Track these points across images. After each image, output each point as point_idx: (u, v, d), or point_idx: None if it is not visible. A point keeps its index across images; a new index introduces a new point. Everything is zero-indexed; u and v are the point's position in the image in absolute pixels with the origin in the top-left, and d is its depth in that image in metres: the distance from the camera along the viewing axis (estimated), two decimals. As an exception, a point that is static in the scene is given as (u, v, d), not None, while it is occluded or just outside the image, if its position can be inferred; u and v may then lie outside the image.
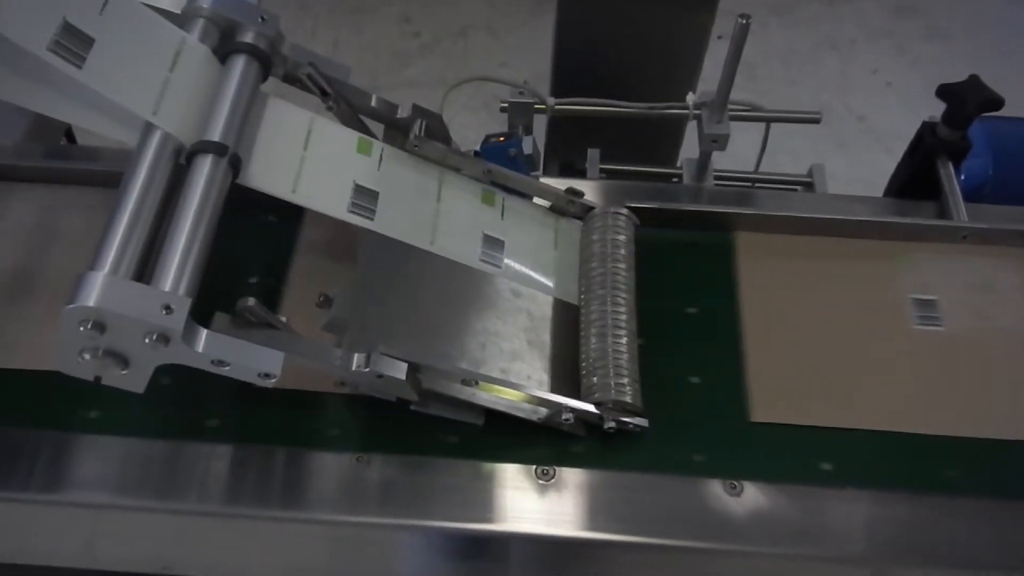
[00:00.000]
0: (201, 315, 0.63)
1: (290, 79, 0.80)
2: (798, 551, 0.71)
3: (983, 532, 0.71)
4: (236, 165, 0.70)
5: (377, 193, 0.77)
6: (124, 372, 0.63)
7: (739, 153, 1.06)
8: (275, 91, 0.79)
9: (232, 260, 0.79)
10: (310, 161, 0.76)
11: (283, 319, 0.66)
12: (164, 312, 0.59)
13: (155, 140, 0.68)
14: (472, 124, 2.09)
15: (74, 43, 0.66)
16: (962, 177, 0.95)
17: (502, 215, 0.84)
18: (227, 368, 0.63)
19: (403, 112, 0.83)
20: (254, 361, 0.63)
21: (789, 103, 2.23)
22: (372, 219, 0.76)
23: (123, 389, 0.64)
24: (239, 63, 0.75)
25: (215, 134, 0.69)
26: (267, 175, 0.73)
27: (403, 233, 0.77)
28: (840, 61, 2.31)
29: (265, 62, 0.76)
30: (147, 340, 0.59)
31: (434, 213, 0.80)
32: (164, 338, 0.60)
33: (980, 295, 0.84)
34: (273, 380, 0.64)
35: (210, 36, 0.75)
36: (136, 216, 0.64)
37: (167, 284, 0.61)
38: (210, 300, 0.65)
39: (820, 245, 0.88)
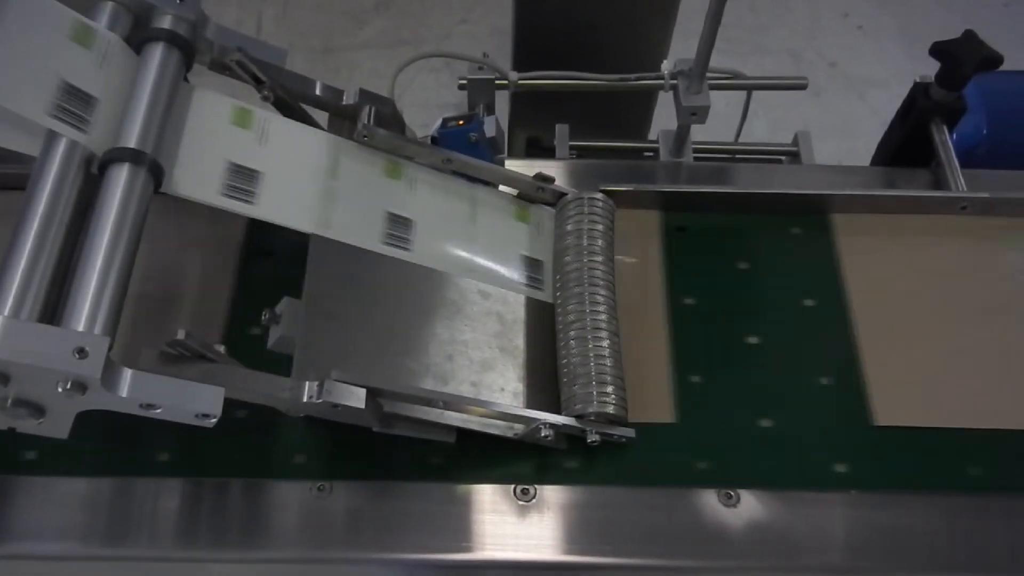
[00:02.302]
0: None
1: (218, 67, 0.71)
2: (803, 563, 0.66)
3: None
4: (157, 173, 0.61)
5: (258, 172, 0.68)
6: (40, 421, 0.55)
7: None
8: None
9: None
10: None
11: (221, 349, 0.59)
12: (77, 356, 0.51)
13: (60, 149, 0.59)
14: (432, 85, 1.99)
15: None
16: (953, 137, 0.89)
17: (412, 188, 0.75)
18: (159, 411, 0.55)
19: (349, 98, 0.74)
20: (190, 401, 0.56)
21: (758, 51, 2.16)
22: (252, 203, 0.67)
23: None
24: (156, 53, 0.65)
25: (131, 139, 0.61)
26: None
27: (288, 217, 0.68)
28: (809, 5, 2.23)
29: (187, 50, 0.67)
30: (60, 389, 0.51)
31: (328, 192, 0.70)
32: (80, 385, 0.52)
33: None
34: (213, 420, 0.57)
35: (121, 23, 0.66)
36: (40, 243, 0.55)
37: (80, 323, 0.53)
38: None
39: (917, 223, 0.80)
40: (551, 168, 0.82)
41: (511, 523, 0.67)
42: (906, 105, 0.88)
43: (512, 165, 0.83)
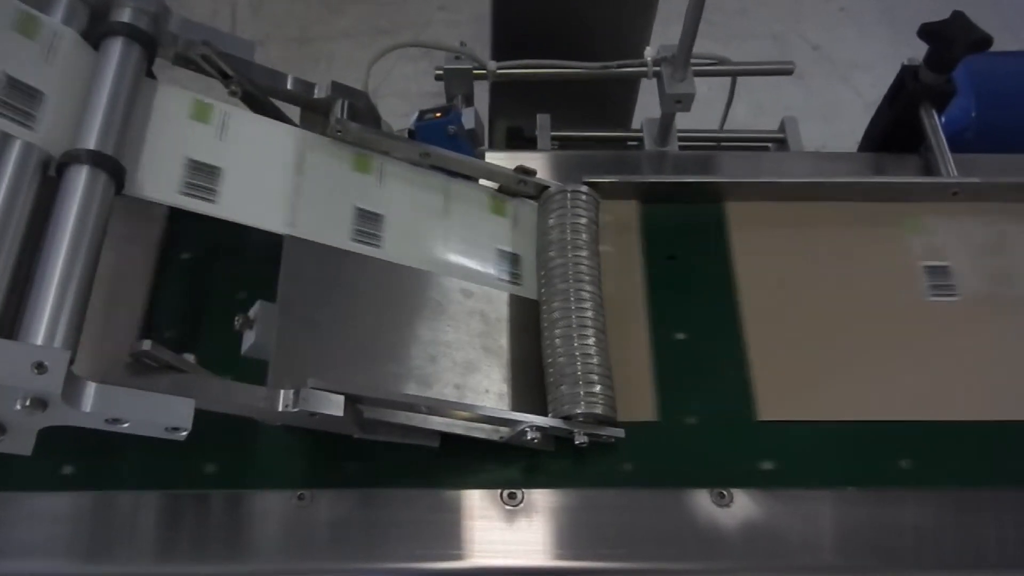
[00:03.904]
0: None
1: (182, 61, 0.68)
2: (799, 563, 0.64)
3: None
4: (119, 175, 0.58)
5: (217, 169, 0.65)
6: (1, 439, 0.52)
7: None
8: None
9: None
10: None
11: (191, 359, 0.56)
12: (36, 372, 0.48)
13: (14, 152, 0.56)
14: (412, 74, 1.96)
15: None
16: (942, 121, 0.87)
17: (380, 182, 0.72)
18: (125, 426, 0.53)
19: (321, 91, 0.71)
20: (158, 414, 0.53)
21: (741, 34, 2.14)
22: (213, 201, 0.64)
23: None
24: (116, 48, 0.62)
25: (90, 139, 0.58)
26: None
27: (251, 216, 0.65)
28: (792, -13, 2.21)
29: (148, 44, 0.64)
30: (19, 406, 0.49)
31: (292, 188, 0.68)
32: (40, 402, 0.49)
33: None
34: (184, 433, 0.54)
35: (78, 17, 0.63)
36: (-6, 251, 0.52)
37: (39, 336, 0.50)
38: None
39: (811, 211, 0.78)
40: (533, 160, 0.80)
41: (499, 528, 0.65)
42: (894, 88, 0.86)
43: (493, 157, 0.81)
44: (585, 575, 0.64)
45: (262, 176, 0.67)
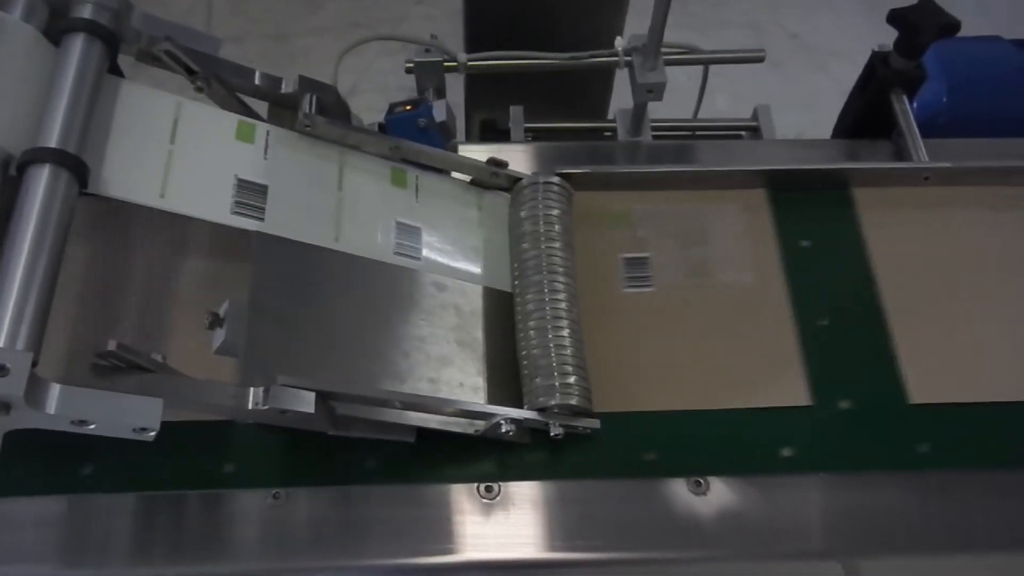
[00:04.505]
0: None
1: (146, 57, 0.67)
2: (772, 549, 0.65)
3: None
4: (82, 173, 0.58)
5: (266, 187, 0.66)
6: (-35, 444, 0.51)
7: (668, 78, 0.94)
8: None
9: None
10: (179, 156, 0.64)
11: (159, 358, 0.56)
12: (-3, 375, 0.48)
13: (-27, 152, 0.55)
14: (391, 69, 1.95)
15: None
16: (914, 106, 0.87)
17: (416, 197, 0.73)
18: (92, 427, 0.52)
19: (289, 86, 0.71)
20: (125, 415, 0.52)
21: (719, 23, 2.14)
22: (262, 219, 0.65)
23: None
24: (77, 44, 0.61)
25: (51, 138, 0.57)
26: (126, 180, 0.61)
27: (300, 232, 0.66)
28: (769, -25, 2.21)
29: (110, 40, 0.63)
30: (-19, 410, 0.48)
31: (336, 204, 0.69)
32: (3, 404, 0.48)
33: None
34: (152, 434, 0.54)
35: (37, 13, 0.62)
36: (-46, 253, 0.51)
37: (0, 338, 0.50)
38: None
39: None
40: (507, 152, 0.80)
41: (476, 522, 0.65)
42: (865, 75, 0.86)
43: (467, 150, 0.80)
44: (562, 566, 0.64)
45: (307, 193, 0.67)
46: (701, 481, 0.66)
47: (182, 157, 0.64)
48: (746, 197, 0.78)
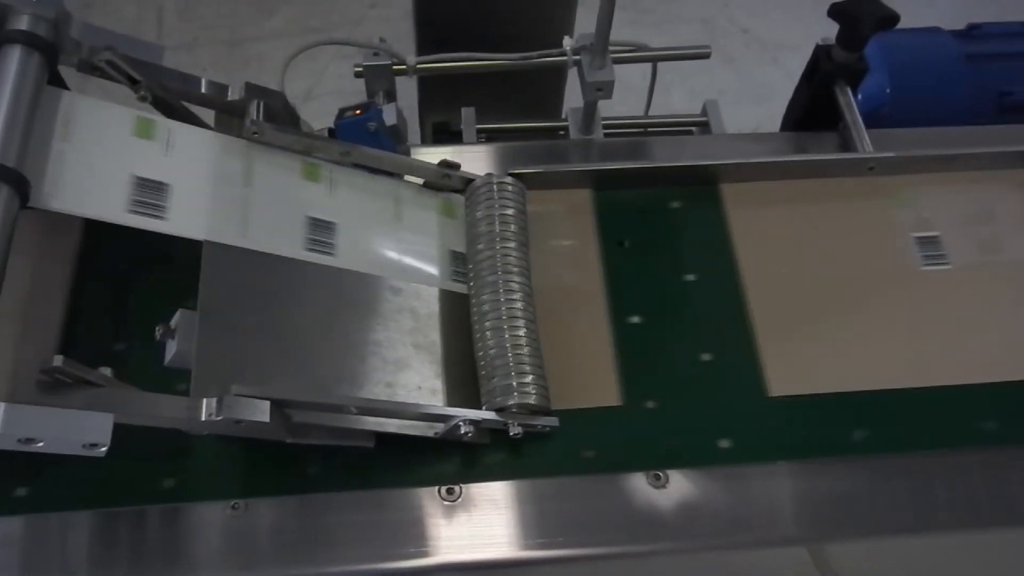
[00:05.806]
0: None
1: (87, 68, 0.66)
2: (734, 539, 0.66)
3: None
4: (23, 187, 0.57)
5: (166, 185, 0.65)
6: (-92, 467, 0.50)
7: (623, 77, 0.95)
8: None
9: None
10: (73, 153, 0.62)
11: (107, 372, 0.55)
12: (-62, 396, 0.47)
13: (-92, 169, 0.54)
14: (347, 73, 1.93)
15: None
16: (858, 98, 0.89)
17: (330, 191, 0.72)
18: (40, 445, 0.51)
19: (235, 93, 0.70)
20: (75, 431, 0.52)
21: (671, 20, 2.16)
22: (164, 217, 0.63)
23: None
24: (14, 56, 0.60)
25: (-11, 152, 0.56)
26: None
27: (204, 230, 0.65)
28: (720, -29, 2.24)
29: (49, 51, 0.62)
30: (-77, 432, 0.47)
31: (243, 200, 0.67)
32: (-54, 426, 0.47)
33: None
34: (103, 449, 0.53)
35: (-29, 26, 0.61)
36: None
37: (-60, 358, 0.49)
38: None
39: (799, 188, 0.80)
40: (460, 154, 0.80)
41: (439, 525, 0.65)
42: (810, 68, 0.87)
43: (420, 153, 0.80)
44: (527, 564, 0.65)
45: (212, 190, 0.66)
46: (660, 475, 0.67)
47: (76, 153, 0.62)
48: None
